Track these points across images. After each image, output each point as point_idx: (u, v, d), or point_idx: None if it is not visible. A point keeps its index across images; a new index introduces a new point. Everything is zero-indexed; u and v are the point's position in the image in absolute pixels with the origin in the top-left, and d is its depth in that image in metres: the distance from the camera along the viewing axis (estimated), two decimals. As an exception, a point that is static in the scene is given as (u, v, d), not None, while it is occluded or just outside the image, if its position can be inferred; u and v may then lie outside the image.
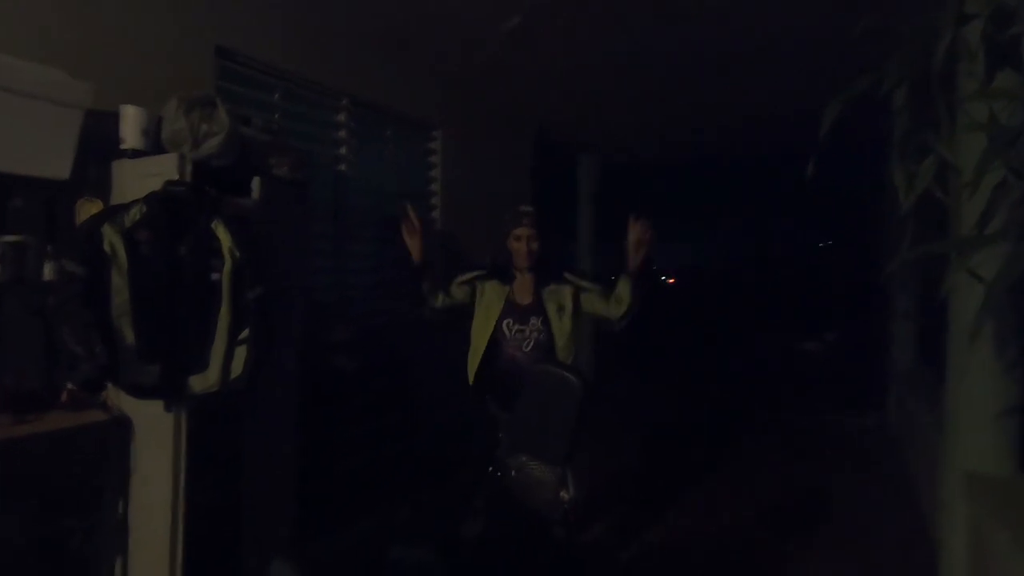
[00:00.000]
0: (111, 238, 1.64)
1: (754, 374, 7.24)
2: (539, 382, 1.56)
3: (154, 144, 1.96)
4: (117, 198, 1.92)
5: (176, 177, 1.82)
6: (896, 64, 1.12)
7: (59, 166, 1.82)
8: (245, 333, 1.79)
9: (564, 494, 1.54)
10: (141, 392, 1.73)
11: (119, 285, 1.65)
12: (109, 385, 1.85)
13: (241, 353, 1.78)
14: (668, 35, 3.27)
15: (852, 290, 7.75)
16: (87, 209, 1.89)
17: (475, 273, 2.20)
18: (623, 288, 2.01)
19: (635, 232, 2.02)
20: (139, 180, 1.86)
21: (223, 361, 1.75)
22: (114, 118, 1.95)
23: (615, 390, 5.80)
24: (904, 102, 1.14)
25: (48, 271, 1.84)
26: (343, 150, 3.26)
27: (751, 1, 2.85)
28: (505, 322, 2.08)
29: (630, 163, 6.79)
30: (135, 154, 1.93)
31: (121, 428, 1.91)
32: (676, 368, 7.57)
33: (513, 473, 1.54)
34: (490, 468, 1.69)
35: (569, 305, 2.07)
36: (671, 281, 13.15)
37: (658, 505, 3.20)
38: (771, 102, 4.43)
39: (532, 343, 2.05)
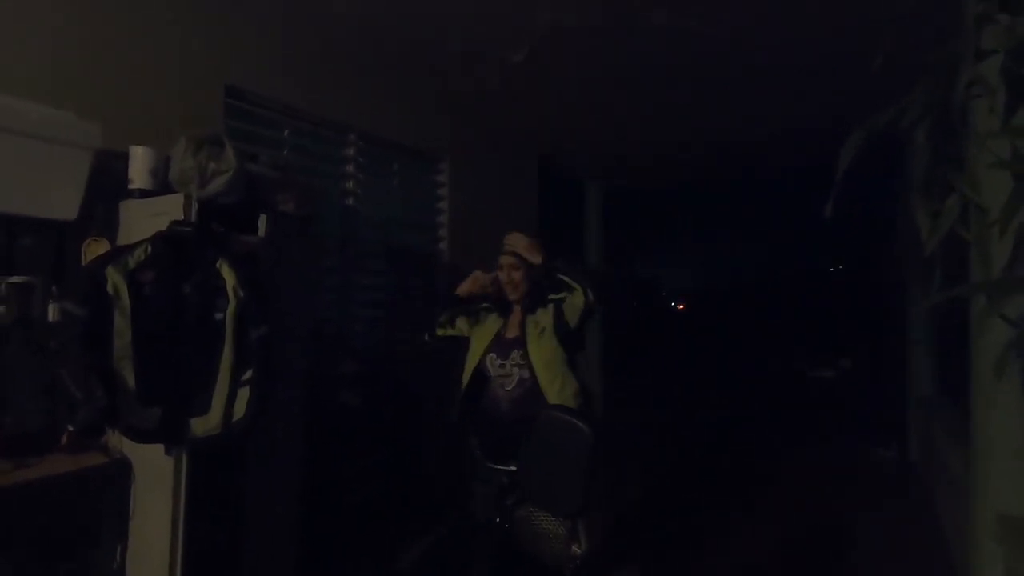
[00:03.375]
0: (114, 280, 1.63)
1: (768, 402, 7.09)
2: (548, 429, 1.50)
3: (162, 184, 1.96)
4: (124, 238, 1.92)
5: (182, 216, 1.81)
6: (916, 99, 1.10)
7: (67, 207, 1.83)
8: (248, 374, 1.76)
9: (575, 548, 1.46)
10: (141, 436, 1.70)
11: (121, 327, 1.63)
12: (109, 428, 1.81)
13: (244, 395, 1.74)
14: (674, 60, 3.28)
15: (866, 315, 7.63)
16: (94, 249, 1.89)
17: (482, 305, 2.10)
18: (562, 279, 1.87)
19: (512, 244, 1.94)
20: (146, 220, 1.85)
21: (225, 403, 1.72)
22: (123, 158, 1.97)
23: (623, 420, 5.69)
24: (925, 138, 1.11)
25: (53, 312, 1.83)
26: (351, 183, 3.28)
27: (759, 27, 2.86)
28: (489, 356, 1.94)
29: (638, 188, 6.79)
30: (143, 194, 1.94)
31: (121, 471, 1.87)
32: (687, 396, 7.44)
33: (520, 525, 1.48)
34: (497, 519, 1.61)
35: (549, 324, 1.87)
36: (681, 307, 13.05)
37: (669, 542, 3.08)
38: (781, 125, 4.42)
39: (515, 381, 1.87)
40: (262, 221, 2.09)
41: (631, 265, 9.95)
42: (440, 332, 2.08)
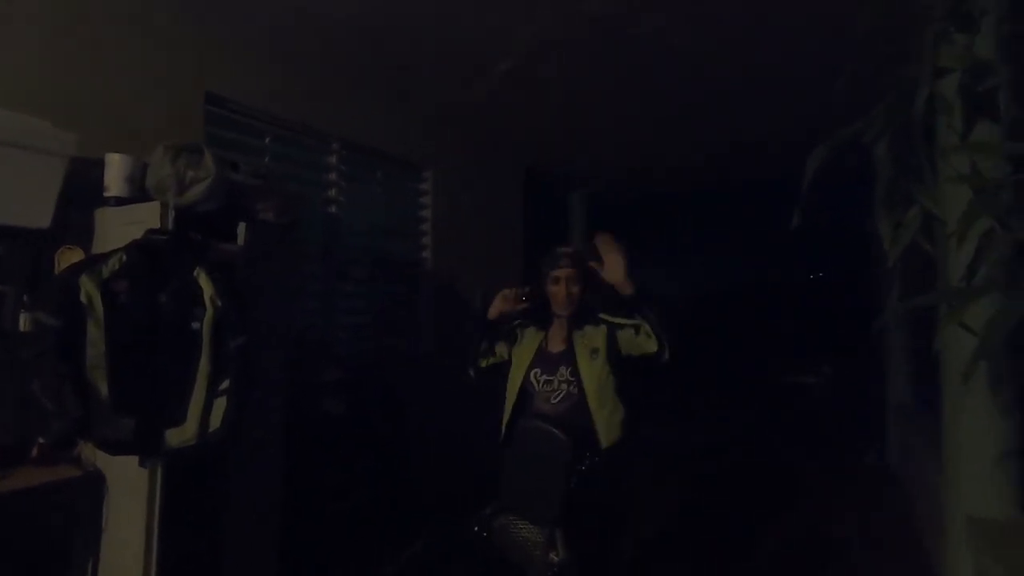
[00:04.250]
0: (88, 289, 1.61)
1: (751, 407, 7.15)
2: (527, 439, 1.51)
3: (139, 191, 1.94)
4: (99, 246, 1.90)
5: (159, 225, 1.80)
6: (879, 114, 1.13)
7: (40, 215, 1.81)
8: (225, 384, 1.74)
9: (553, 556, 1.46)
10: (115, 447, 1.67)
11: (95, 337, 1.60)
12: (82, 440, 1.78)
13: (220, 405, 1.73)
14: (656, 74, 3.34)
15: (847, 321, 7.74)
16: (67, 258, 1.87)
17: (516, 322, 1.97)
18: (641, 322, 1.72)
19: (603, 248, 1.73)
20: (122, 228, 1.84)
21: (201, 414, 1.70)
22: (99, 165, 1.95)
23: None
24: (887, 152, 1.14)
25: (25, 322, 1.80)
26: (333, 192, 3.27)
27: (738, 40, 2.92)
28: (533, 372, 1.83)
29: (621, 196, 6.86)
30: (118, 202, 1.92)
31: (94, 484, 1.84)
32: (671, 402, 7.47)
33: (499, 533, 1.48)
34: (475, 527, 1.61)
35: (603, 347, 1.76)
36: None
37: (650, 548, 3.09)
38: (761, 134, 4.50)
39: (562, 395, 1.77)
40: (242, 229, 2.08)
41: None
42: (483, 363, 1.94)
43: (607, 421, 1.72)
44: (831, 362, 8.13)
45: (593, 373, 1.75)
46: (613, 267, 1.72)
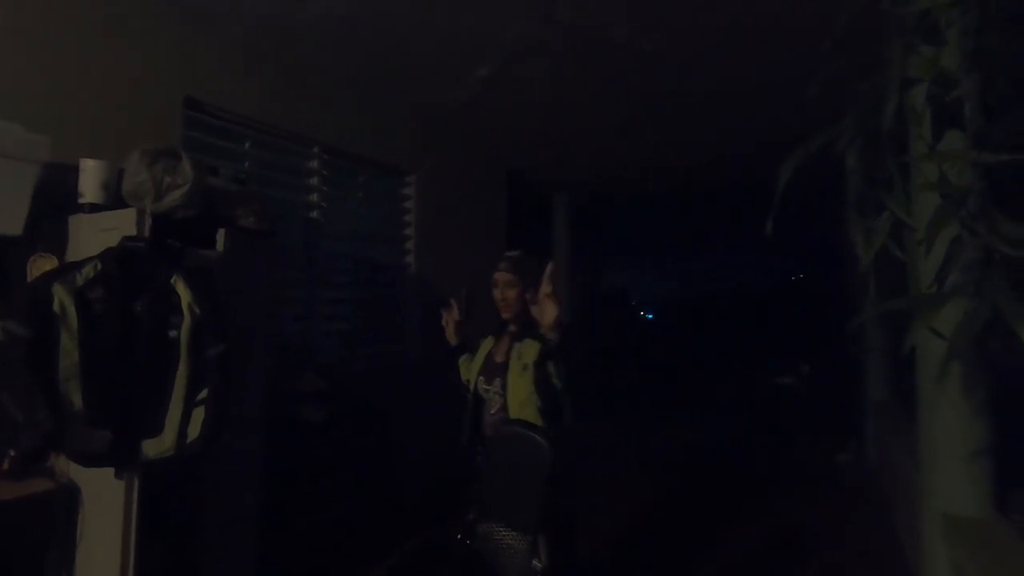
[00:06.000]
0: (61, 297, 1.57)
1: (732, 408, 7.22)
2: (507, 445, 1.51)
3: (115, 198, 1.91)
4: (73, 254, 1.86)
5: (134, 232, 1.77)
6: (850, 123, 1.16)
7: (11, 222, 1.77)
8: (204, 393, 1.71)
9: (536, 563, 1.46)
10: (89, 459, 1.63)
11: (68, 346, 1.57)
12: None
13: (199, 414, 1.70)
14: (638, 79, 3.37)
15: (826, 322, 7.86)
16: (40, 266, 1.83)
17: (483, 335, 1.99)
18: (552, 368, 1.58)
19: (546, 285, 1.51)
20: (96, 235, 1.80)
21: (179, 423, 1.67)
22: (74, 171, 1.91)
23: (586, 430, 5.70)
24: (858, 160, 1.17)
25: (-5, 331, 1.76)
26: (315, 197, 3.25)
27: (718, 46, 2.97)
28: (479, 379, 1.83)
29: (604, 200, 6.91)
30: (93, 208, 1.88)
31: (68, 496, 1.80)
32: (654, 405, 7.52)
33: (482, 540, 1.48)
34: (458, 535, 1.61)
35: (532, 362, 1.66)
36: (650, 317, 13.25)
37: (632, 550, 3.11)
38: (742, 138, 4.56)
39: (497, 406, 1.74)
40: (221, 236, 2.05)
41: (599, 275, 10.07)
42: (471, 382, 1.91)
43: None
44: (809, 362, 8.25)
45: (517, 388, 1.68)
46: (546, 309, 1.51)
